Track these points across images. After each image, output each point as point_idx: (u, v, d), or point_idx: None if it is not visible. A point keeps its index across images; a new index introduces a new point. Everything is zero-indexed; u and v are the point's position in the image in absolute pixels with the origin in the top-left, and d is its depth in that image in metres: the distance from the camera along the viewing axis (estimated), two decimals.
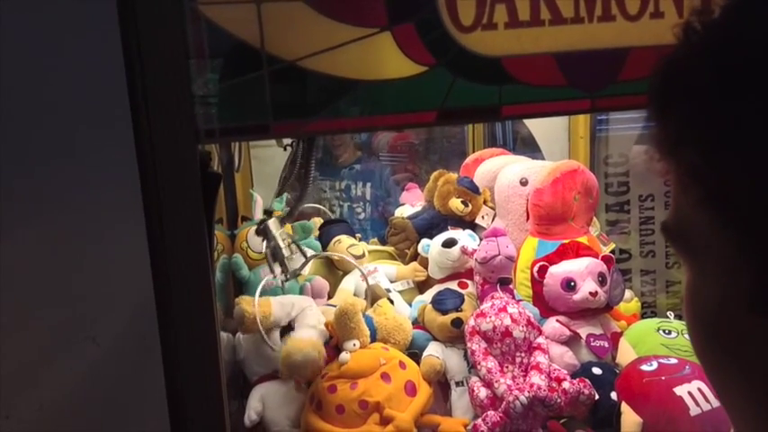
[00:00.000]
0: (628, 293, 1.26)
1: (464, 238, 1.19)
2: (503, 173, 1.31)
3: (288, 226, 1.28)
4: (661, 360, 0.96)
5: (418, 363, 1.02)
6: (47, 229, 1.13)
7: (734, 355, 0.32)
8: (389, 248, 1.34)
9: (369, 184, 2.02)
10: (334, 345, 1.01)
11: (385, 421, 0.92)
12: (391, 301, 1.12)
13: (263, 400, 1.00)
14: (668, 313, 1.14)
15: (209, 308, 0.58)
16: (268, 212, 0.99)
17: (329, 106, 0.64)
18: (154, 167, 0.53)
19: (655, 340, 1.06)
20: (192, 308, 0.60)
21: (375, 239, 1.46)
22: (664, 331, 1.07)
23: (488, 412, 0.94)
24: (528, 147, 1.72)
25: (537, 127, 1.62)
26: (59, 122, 1.04)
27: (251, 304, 1.01)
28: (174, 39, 0.55)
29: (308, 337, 0.99)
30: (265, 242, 0.95)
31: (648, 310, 1.41)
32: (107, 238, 1.05)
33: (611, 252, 1.24)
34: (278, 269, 0.96)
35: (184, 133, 0.55)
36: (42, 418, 1.18)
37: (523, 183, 1.26)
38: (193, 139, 0.55)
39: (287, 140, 0.89)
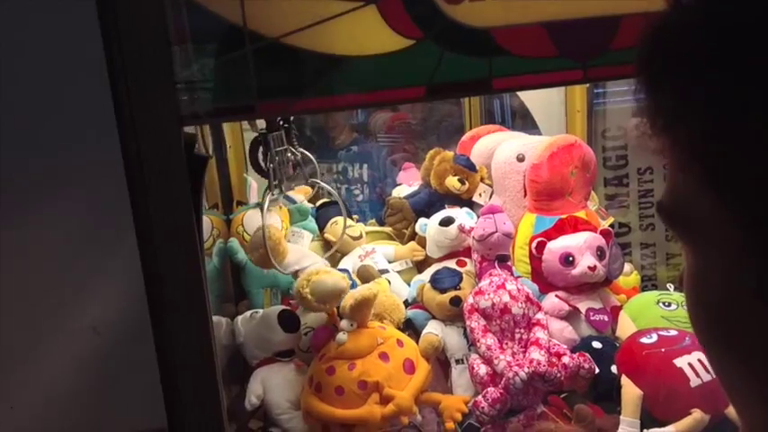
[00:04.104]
0: (627, 267, 1.25)
1: (461, 216, 1.18)
2: (499, 149, 1.29)
3: (284, 209, 1.27)
4: (661, 332, 0.95)
5: (417, 342, 1.02)
6: (30, 224, 1.13)
7: (738, 341, 0.30)
8: (387, 229, 1.33)
9: (366, 166, 2.01)
10: (330, 324, 1.00)
11: (385, 400, 0.92)
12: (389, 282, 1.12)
13: (264, 383, 1.00)
14: (668, 285, 1.13)
15: (200, 293, 0.58)
16: (270, 127, 0.94)
17: (315, 84, 0.63)
18: (138, 151, 0.52)
19: (654, 313, 1.05)
20: (183, 293, 0.59)
21: (373, 220, 1.45)
22: (663, 304, 1.06)
23: (488, 389, 0.94)
24: (525, 123, 1.70)
25: (533, 102, 1.60)
26: (40, 111, 1.04)
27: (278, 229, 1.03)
28: (153, 18, 0.54)
29: None
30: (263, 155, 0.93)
31: (648, 284, 1.40)
32: (97, 226, 1.05)
33: (609, 226, 1.23)
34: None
35: (168, 115, 0.54)
36: (45, 407, 1.18)
37: (520, 159, 1.25)
38: (177, 121, 0.54)
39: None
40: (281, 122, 0.93)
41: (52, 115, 1.04)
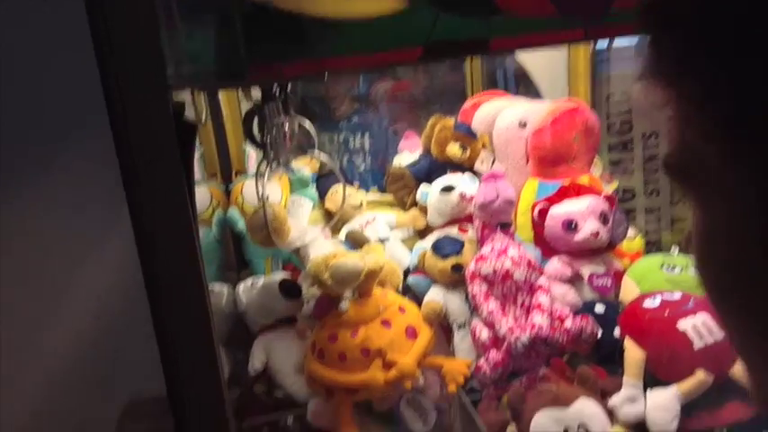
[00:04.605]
0: (631, 231, 1.24)
1: (463, 183, 1.18)
2: (501, 116, 1.28)
3: (284, 178, 1.27)
4: (665, 295, 0.94)
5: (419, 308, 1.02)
6: (30, 198, 1.13)
7: (749, 298, 0.28)
8: (388, 197, 1.32)
9: (367, 135, 2.00)
10: (328, 294, 1.00)
11: (388, 366, 0.92)
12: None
13: (267, 349, 1.01)
14: (672, 248, 1.12)
15: (194, 261, 0.57)
16: (265, 97, 0.91)
17: (307, 48, 0.62)
18: (125, 118, 0.51)
19: (659, 277, 1.05)
20: (177, 262, 0.59)
21: (374, 189, 1.45)
22: (668, 267, 1.06)
23: (490, 352, 0.94)
24: (528, 90, 1.68)
25: (536, 68, 1.58)
26: (25, 83, 1.03)
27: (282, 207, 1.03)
28: None
29: None
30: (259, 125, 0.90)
31: (653, 249, 1.39)
32: (97, 197, 1.05)
33: (614, 191, 1.22)
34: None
35: (155, 81, 0.52)
36: (48, 377, 1.20)
37: (522, 125, 1.24)
38: (164, 87, 0.53)
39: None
40: (277, 91, 0.92)
41: (43, 93, 1.04)
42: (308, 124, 1.01)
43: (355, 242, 1.09)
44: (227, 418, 0.68)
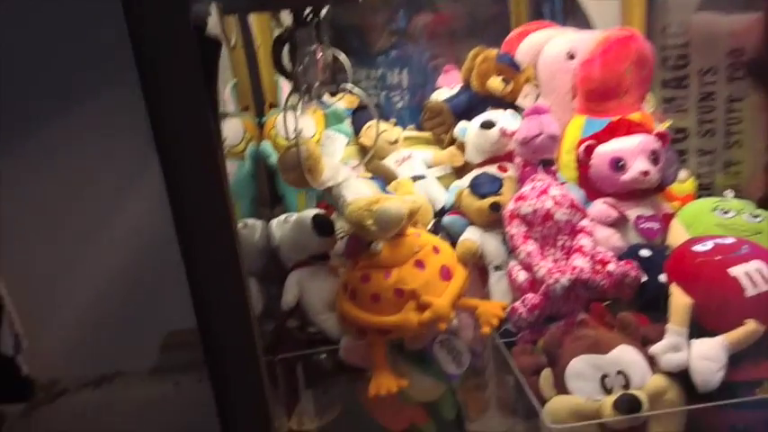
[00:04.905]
0: (683, 173, 1.18)
1: (504, 118, 1.12)
2: (548, 46, 1.20)
3: (318, 113, 1.23)
4: (716, 240, 0.89)
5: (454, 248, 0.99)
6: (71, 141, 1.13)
7: None
8: (426, 134, 1.28)
9: (406, 71, 1.92)
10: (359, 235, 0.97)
11: (422, 307, 0.90)
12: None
13: (300, 285, 1.00)
14: (726, 192, 1.05)
15: (220, 190, 0.55)
16: (297, 22, 0.86)
17: None
18: (144, 34, 0.48)
19: (710, 220, 0.99)
20: (203, 194, 0.56)
21: (412, 126, 1.40)
22: (721, 211, 0.99)
23: (527, 295, 0.91)
24: (578, 21, 1.58)
25: None
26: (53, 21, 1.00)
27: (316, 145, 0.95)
28: None
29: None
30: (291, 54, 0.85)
31: (705, 193, 1.32)
32: (133, 134, 1.04)
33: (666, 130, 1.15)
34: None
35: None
36: (90, 309, 1.22)
37: (570, 56, 1.16)
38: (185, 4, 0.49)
39: None
40: (309, 16, 0.87)
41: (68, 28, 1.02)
42: (342, 57, 0.96)
43: (382, 175, 1.04)
44: (257, 354, 0.67)
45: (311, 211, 1.01)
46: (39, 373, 1.23)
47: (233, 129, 1.17)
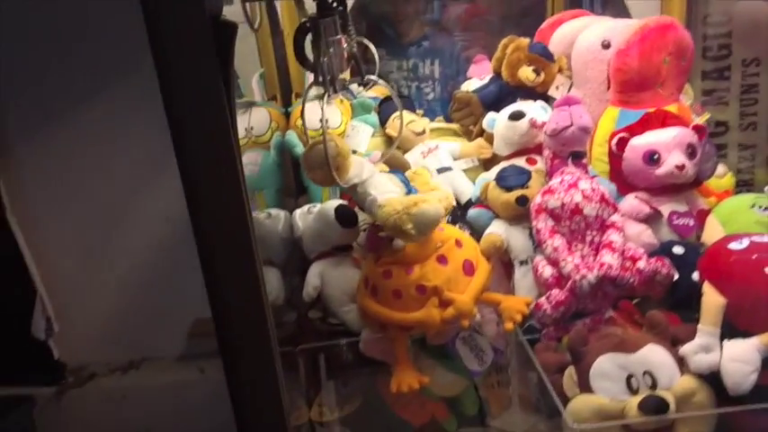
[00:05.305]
0: (720, 168, 1.13)
1: (534, 109, 1.09)
2: (582, 35, 1.17)
3: (345, 103, 1.22)
4: (753, 237, 0.85)
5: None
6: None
7: None
8: (454, 126, 1.25)
9: (437, 62, 1.90)
10: (380, 230, 0.95)
11: (444, 304, 0.88)
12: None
13: (322, 276, 1.00)
14: (767, 188, 1.01)
15: (234, 177, 0.54)
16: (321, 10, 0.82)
17: None
18: (157, 14, 0.47)
19: (748, 218, 0.95)
20: (217, 183, 0.56)
21: (440, 117, 1.38)
22: (759, 208, 0.95)
23: (553, 291, 0.89)
24: (616, 10, 1.53)
25: None
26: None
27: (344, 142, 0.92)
28: None
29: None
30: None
31: (744, 189, 1.27)
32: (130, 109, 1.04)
33: (704, 123, 1.10)
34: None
35: None
36: (120, 288, 1.24)
37: (605, 45, 1.12)
38: None
39: None
40: (334, 3, 0.85)
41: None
42: (371, 47, 0.94)
43: (394, 166, 1.00)
44: (271, 344, 0.66)
45: (334, 202, 1.01)
46: (69, 357, 1.26)
47: (259, 118, 1.17)
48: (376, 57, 0.98)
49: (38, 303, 1.19)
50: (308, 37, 0.84)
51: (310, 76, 1.17)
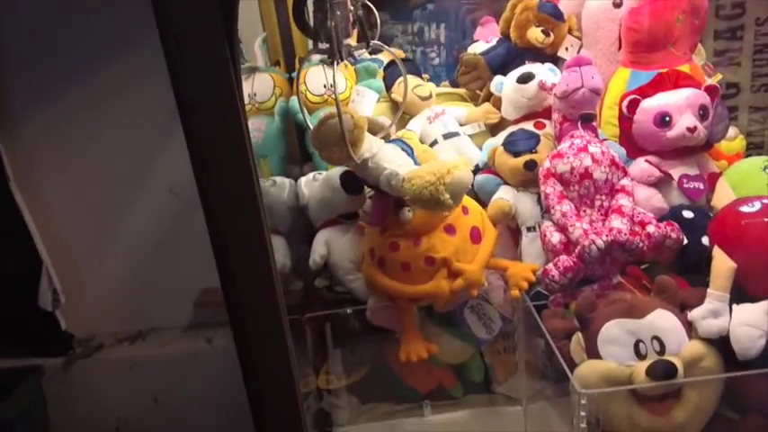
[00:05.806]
0: (732, 131, 1.11)
1: (543, 72, 1.06)
2: None
3: (350, 68, 1.19)
4: (765, 200, 0.83)
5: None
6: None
7: None
8: (460, 90, 1.23)
9: (443, 26, 1.85)
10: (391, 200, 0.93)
11: (453, 275, 0.88)
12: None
13: (328, 244, 0.99)
14: None
15: (242, 152, 0.53)
16: None
17: None
18: None
19: (759, 180, 0.93)
20: (224, 153, 0.54)
21: (446, 82, 1.35)
22: None
23: (561, 257, 0.88)
24: None
25: None
26: None
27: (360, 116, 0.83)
28: None
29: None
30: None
31: (754, 152, 1.25)
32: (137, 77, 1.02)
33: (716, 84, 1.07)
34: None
35: None
36: (128, 260, 1.24)
37: (617, 4, 1.09)
38: None
39: None
40: None
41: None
42: (374, 11, 0.91)
43: (371, 130, 0.96)
44: (280, 313, 0.66)
45: (339, 169, 0.99)
46: (76, 328, 1.26)
47: (262, 84, 1.15)
48: (377, 20, 0.95)
49: (44, 275, 1.19)
50: (310, 0, 0.81)
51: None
